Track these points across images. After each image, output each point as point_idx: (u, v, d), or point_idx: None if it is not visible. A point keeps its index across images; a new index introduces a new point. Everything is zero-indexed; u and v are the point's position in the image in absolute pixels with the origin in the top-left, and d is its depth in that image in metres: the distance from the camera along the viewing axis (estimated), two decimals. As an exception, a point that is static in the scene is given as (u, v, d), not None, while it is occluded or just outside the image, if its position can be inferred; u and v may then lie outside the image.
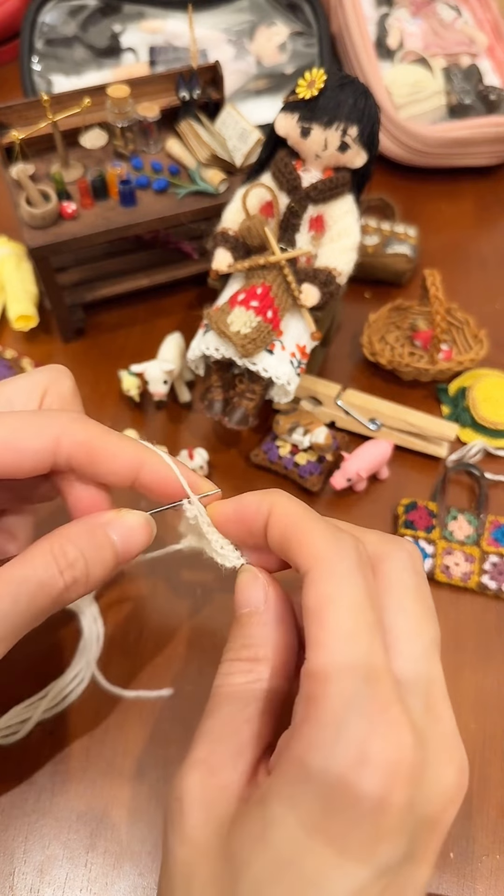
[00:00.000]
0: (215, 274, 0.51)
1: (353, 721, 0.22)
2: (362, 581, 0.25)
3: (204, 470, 0.55)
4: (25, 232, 0.54)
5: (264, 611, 0.29)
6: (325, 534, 0.26)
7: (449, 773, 0.24)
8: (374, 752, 0.22)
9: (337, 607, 0.24)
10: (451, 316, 0.63)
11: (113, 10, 0.78)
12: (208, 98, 0.59)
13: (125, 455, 0.30)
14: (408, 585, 0.27)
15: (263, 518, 0.28)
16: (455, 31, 0.79)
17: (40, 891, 0.41)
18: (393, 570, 0.27)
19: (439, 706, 0.25)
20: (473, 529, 0.53)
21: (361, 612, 0.24)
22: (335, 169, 0.48)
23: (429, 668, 0.25)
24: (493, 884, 0.42)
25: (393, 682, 0.23)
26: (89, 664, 0.47)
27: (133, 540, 0.30)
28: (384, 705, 0.22)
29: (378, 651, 0.24)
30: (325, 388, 0.58)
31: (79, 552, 0.28)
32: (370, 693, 0.23)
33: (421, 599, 0.27)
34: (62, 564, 0.27)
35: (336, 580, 0.25)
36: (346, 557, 0.25)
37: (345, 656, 0.23)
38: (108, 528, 0.29)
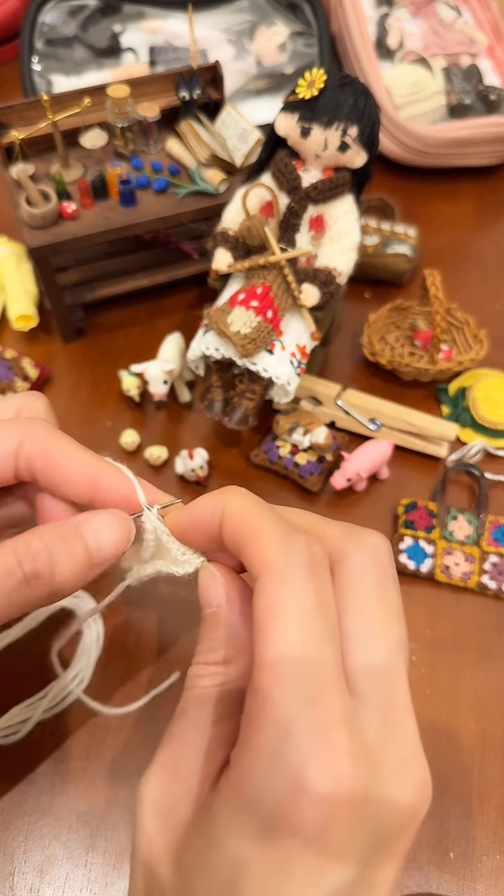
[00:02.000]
0: (215, 274, 0.51)
1: (290, 748, 0.21)
2: (312, 587, 0.23)
3: (204, 470, 0.55)
4: (25, 232, 0.54)
5: (227, 610, 0.27)
6: (276, 536, 0.24)
7: (405, 793, 0.22)
8: (310, 783, 0.20)
9: (282, 620, 0.22)
10: (451, 316, 0.63)
11: (113, 10, 0.78)
12: (208, 98, 0.59)
13: (83, 465, 0.29)
14: (369, 585, 0.24)
15: (218, 521, 0.26)
16: (455, 31, 0.79)
17: (40, 891, 0.41)
18: (353, 568, 0.25)
19: (400, 719, 0.23)
20: (473, 529, 0.53)
21: (308, 624, 0.22)
22: (335, 169, 0.48)
23: (390, 676, 0.23)
24: (493, 884, 0.42)
25: (339, 701, 0.21)
26: (89, 664, 0.47)
27: (107, 538, 0.29)
28: (325, 730, 0.21)
29: (326, 667, 0.22)
30: (325, 388, 0.58)
31: (43, 545, 0.27)
32: (311, 716, 0.21)
33: (383, 600, 0.24)
34: (22, 555, 0.26)
35: (283, 588, 0.23)
36: (296, 563, 0.23)
37: (287, 676, 0.21)
38: (80, 525, 0.28)
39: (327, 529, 0.26)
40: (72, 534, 0.28)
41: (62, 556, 0.27)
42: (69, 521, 0.29)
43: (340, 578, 0.24)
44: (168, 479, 0.56)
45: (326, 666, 0.22)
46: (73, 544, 0.28)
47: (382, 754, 0.22)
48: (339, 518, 0.56)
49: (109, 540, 0.29)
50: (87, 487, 0.29)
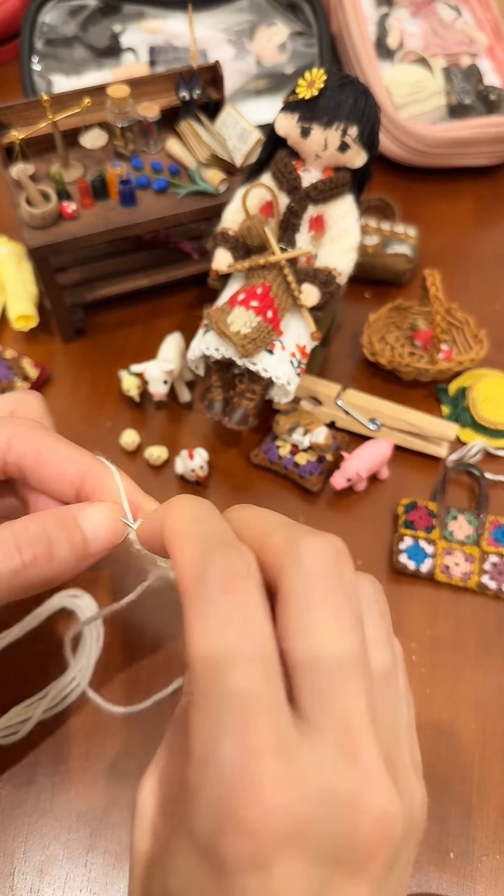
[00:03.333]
0: (215, 274, 0.51)
1: (211, 782, 0.19)
2: (223, 607, 0.21)
3: (204, 470, 0.55)
4: (25, 232, 0.54)
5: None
6: (193, 551, 0.22)
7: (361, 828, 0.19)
8: (235, 818, 0.19)
9: (193, 644, 0.20)
10: (451, 316, 0.63)
11: (113, 10, 0.78)
12: (208, 98, 0.59)
13: (72, 462, 0.29)
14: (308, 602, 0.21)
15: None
16: (455, 31, 0.79)
17: (40, 891, 0.41)
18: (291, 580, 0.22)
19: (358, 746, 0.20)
20: (473, 529, 0.53)
21: (220, 647, 0.20)
22: (335, 169, 0.48)
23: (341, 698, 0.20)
24: (493, 884, 0.42)
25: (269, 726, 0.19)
26: (89, 664, 0.47)
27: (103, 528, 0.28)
28: (247, 760, 0.19)
29: (249, 691, 0.20)
30: (325, 388, 0.58)
31: (41, 528, 0.27)
32: (232, 745, 0.19)
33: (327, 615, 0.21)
34: (21, 539, 0.26)
35: (193, 608, 0.21)
36: (208, 582, 0.21)
37: (204, 703, 0.20)
38: (79, 514, 0.28)
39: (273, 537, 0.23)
40: (70, 521, 0.28)
41: (61, 542, 0.27)
42: (67, 508, 0.29)
43: (280, 592, 0.22)
44: (168, 480, 0.56)
45: (250, 690, 0.19)
46: (73, 531, 0.28)
47: (333, 790, 0.19)
48: (340, 518, 0.56)
49: (105, 531, 0.28)
50: (74, 483, 0.29)
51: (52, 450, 0.29)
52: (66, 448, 0.29)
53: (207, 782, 0.19)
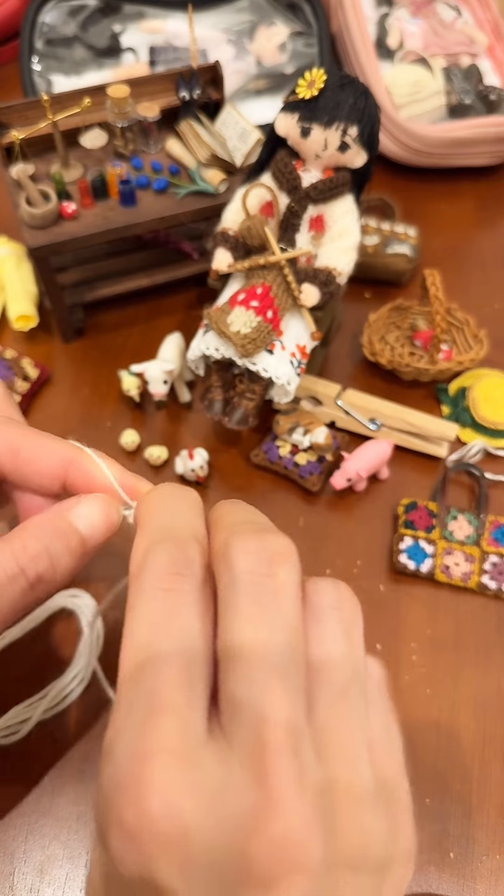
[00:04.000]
0: (215, 274, 0.51)
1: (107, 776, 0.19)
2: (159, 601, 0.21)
3: (204, 470, 0.55)
4: (25, 232, 0.54)
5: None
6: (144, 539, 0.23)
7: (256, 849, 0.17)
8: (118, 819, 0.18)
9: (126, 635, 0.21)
10: (451, 316, 0.63)
11: (113, 10, 0.78)
12: (208, 98, 0.59)
13: (51, 454, 0.28)
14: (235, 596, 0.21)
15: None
16: (455, 31, 0.79)
17: (40, 891, 0.41)
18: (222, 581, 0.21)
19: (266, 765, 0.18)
20: (473, 529, 0.53)
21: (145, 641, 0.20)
22: (335, 169, 0.48)
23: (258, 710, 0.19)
24: (493, 884, 0.42)
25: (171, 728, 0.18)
26: (89, 664, 0.47)
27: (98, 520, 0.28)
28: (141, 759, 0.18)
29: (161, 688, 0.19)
30: (325, 388, 0.58)
31: (41, 545, 0.26)
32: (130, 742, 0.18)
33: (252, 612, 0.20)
34: (23, 561, 0.26)
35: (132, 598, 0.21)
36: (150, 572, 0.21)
37: (122, 693, 0.20)
38: (72, 515, 0.28)
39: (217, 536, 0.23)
40: (65, 526, 0.27)
41: (61, 552, 0.27)
42: (58, 510, 0.28)
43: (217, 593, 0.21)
44: (168, 480, 0.56)
45: (161, 690, 0.19)
46: (70, 537, 0.27)
47: (228, 801, 0.18)
48: (340, 518, 0.56)
49: (100, 525, 0.28)
50: (59, 475, 0.28)
51: (29, 444, 0.28)
52: (43, 440, 0.29)
53: (104, 778, 0.18)
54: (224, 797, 0.18)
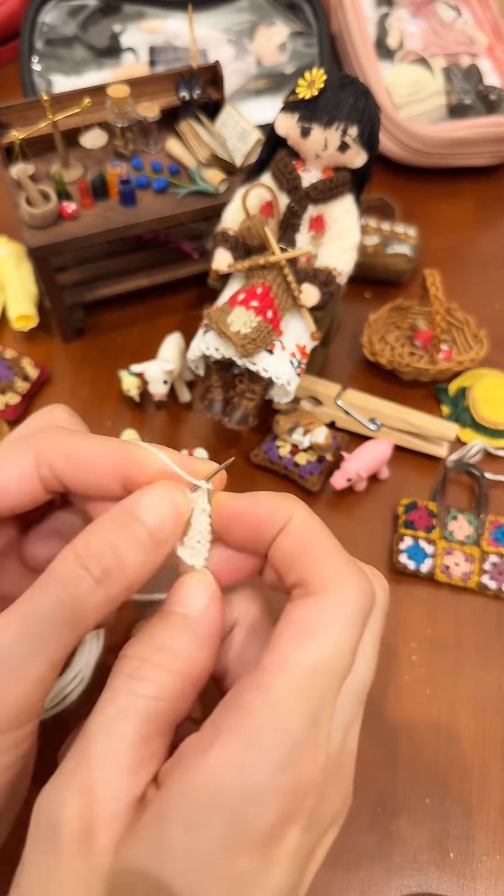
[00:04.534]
0: (215, 274, 0.51)
1: (284, 757, 0.22)
2: (360, 628, 0.25)
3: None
4: (25, 232, 0.54)
5: (200, 622, 0.26)
6: (346, 566, 0.25)
7: (337, 802, 0.25)
8: (290, 792, 0.22)
9: (328, 641, 0.24)
10: (451, 316, 0.63)
11: (113, 10, 0.78)
12: (208, 98, 0.59)
13: (105, 454, 0.27)
14: (375, 631, 0.27)
15: (278, 526, 0.26)
16: (455, 31, 0.79)
17: (40, 891, 0.41)
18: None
19: (350, 746, 0.25)
20: (473, 529, 0.53)
21: (343, 656, 0.24)
22: (335, 169, 0.48)
23: (357, 711, 0.26)
24: (493, 884, 0.42)
25: (329, 727, 0.24)
26: (89, 664, 0.47)
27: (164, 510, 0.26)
28: (314, 750, 0.23)
29: (333, 695, 0.24)
30: (325, 388, 0.58)
31: (103, 541, 0.25)
32: (309, 735, 0.23)
33: (376, 647, 0.27)
34: (85, 558, 0.25)
35: (344, 616, 0.24)
36: (361, 601, 0.25)
37: (306, 689, 0.23)
38: (135, 507, 0.26)
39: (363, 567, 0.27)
40: (128, 518, 0.26)
41: (126, 545, 0.25)
42: (122, 505, 0.27)
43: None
44: (168, 479, 0.56)
45: (334, 695, 0.24)
46: (134, 529, 0.26)
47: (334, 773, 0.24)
48: (340, 518, 0.56)
49: (166, 512, 0.26)
50: (118, 475, 0.27)
51: (81, 448, 0.27)
52: (95, 442, 0.28)
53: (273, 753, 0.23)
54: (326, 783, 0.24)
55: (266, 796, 0.22)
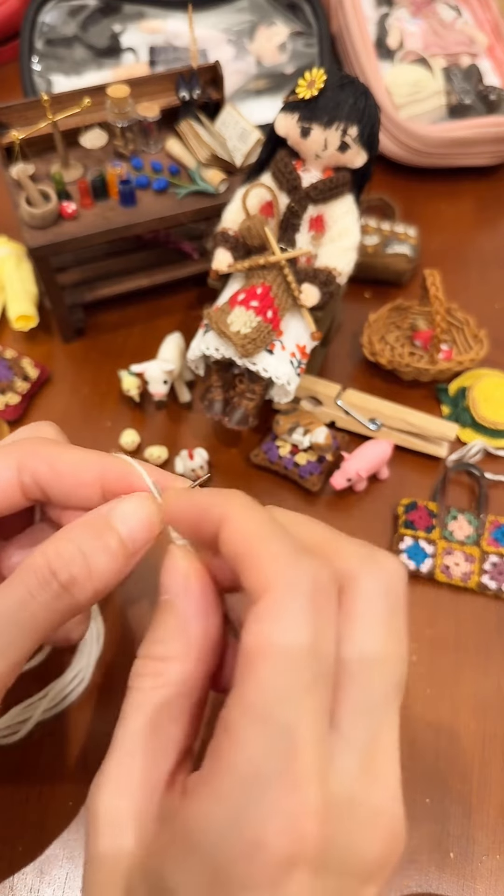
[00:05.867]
0: (215, 274, 0.51)
1: (252, 803, 0.19)
2: (310, 624, 0.21)
3: (204, 470, 0.55)
4: (25, 232, 0.54)
5: (182, 601, 0.25)
6: (279, 558, 0.22)
7: (373, 847, 0.21)
8: (268, 844, 0.19)
9: (269, 661, 0.21)
10: (451, 316, 0.63)
11: (113, 10, 0.78)
12: (208, 98, 0.59)
13: (87, 465, 0.28)
14: (376, 616, 0.23)
15: (214, 527, 0.24)
16: (455, 31, 0.79)
17: (40, 891, 0.41)
18: (363, 595, 0.23)
19: (380, 765, 0.21)
20: (473, 529, 0.53)
21: (298, 667, 0.20)
22: (335, 169, 0.48)
23: (379, 717, 0.22)
24: (493, 884, 0.42)
25: (315, 755, 0.20)
26: (89, 664, 0.47)
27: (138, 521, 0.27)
28: (294, 788, 0.20)
29: (307, 717, 0.20)
30: (325, 388, 0.58)
31: (74, 547, 0.25)
32: (280, 771, 0.20)
33: (388, 634, 0.23)
34: (55, 563, 0.25)
35: (277, 621, 0.21)
36: (297, 592, 0.21)
37: (263, 723, 0.20)
38: (109, 515, 0.27)
39: (340, 547, 0.24)
40: (102, 526, 0.26)
41: (96, 553, 0.26)
42: (97, 511, 0.27)
43: (347, 603, 0.23)
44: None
45: (309, 716, 0.20)
46: (106, 537, 0.26)
47: (353, 807, 0.20)
48: (340, 518, 0.56)
49: (140, 523, 0.27)
50: (97, 486, 0.28)
51: (65, 458, 0.28)
52: (78, 453, 0.29)
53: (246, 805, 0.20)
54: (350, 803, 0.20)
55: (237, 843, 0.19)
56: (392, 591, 0.23)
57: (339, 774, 0.21)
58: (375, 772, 0.21)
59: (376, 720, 0.22)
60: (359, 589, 0.23)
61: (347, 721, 0.21)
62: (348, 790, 0.20)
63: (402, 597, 0.23)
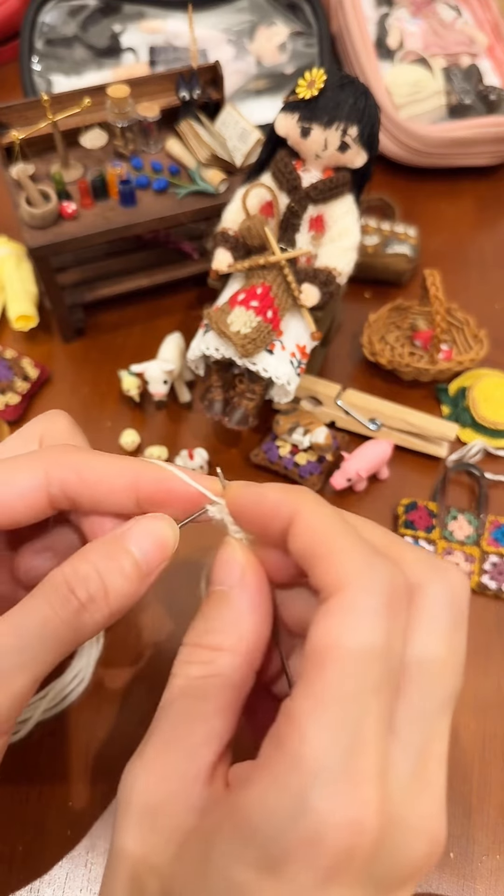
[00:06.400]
0: (215, 274, 0.51)
1: (316, 795, 0.20)
2: (385, 627, 0.21)
3: (204, 470, 0.55)
4: (25, 232, 0.54)
5: (237, 593, 0.25)
6: (356, 557, 0.22)
7: (419, 847, 0.21)
8: (328, 836, 0.19)
9: (342, 659, 0.21)
10: (451, 316, 0.63)
11: (113, 10, 0.78)
12: (208, 98, 0.59)
13: (119, 472, 0.28)
14: (440, 625, 0.23)
15: (284, 523, 0.24)
16: (455, 31, 0.79)
17: (40, 891, 0.41)
18: (428, 603, 0.23)
19: (431, 772, 0.22)
20: (473, 529, 0.53)
21: (371, 667, 0.21)
22: (335, 169, 0.48)
23: (434, 725, 0.22)
24: (493, 884, 0.42)
25: (378, 754, 0.20)
26: (89, 664, 0.47)
27: (151, 544, 0.27)
28: (356, 784, 0.20)
29: (373, 717, 0.21)
30: (325, 388, 0.58)
31: (91, 567, 0.26)
32: (344, 768, 0.20)
33: (450, 644, 0.23)
34: (73, 582, 0.26)
35: (353, 620, 0.21)
36: (375, 593, 0.21)
37: (330, 720, 0.20)
38: (124, 538, 0.27)
39: (405, 553, 0.24)
40: (117, 549, 0.27)
41: (112, 574, 0.26)
42: (113, 534, 0.27)
43: (413, 609, 0.23)
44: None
45: (375, 716, 0.21)
46: (121, 559, 0.26)
47: (404, 811, 0.21)
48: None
49: (154, 545, 0.27)
50: (129, 491, 0.28)
51: (94, 467, 0.28)
52: (108, 461, 0.28)
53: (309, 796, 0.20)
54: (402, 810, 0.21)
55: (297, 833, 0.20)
56: (456, 603, 0.23)
57: (394, 777, 0.21)
58: (427, 779, 0.22)
59: (431, 728, 0.22)
60: (426, 597, 0.23)
61: (404, 725, 0.22)
62: (402, 794, 0.21)
63: (466, 610, 0.24)
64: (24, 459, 0.28)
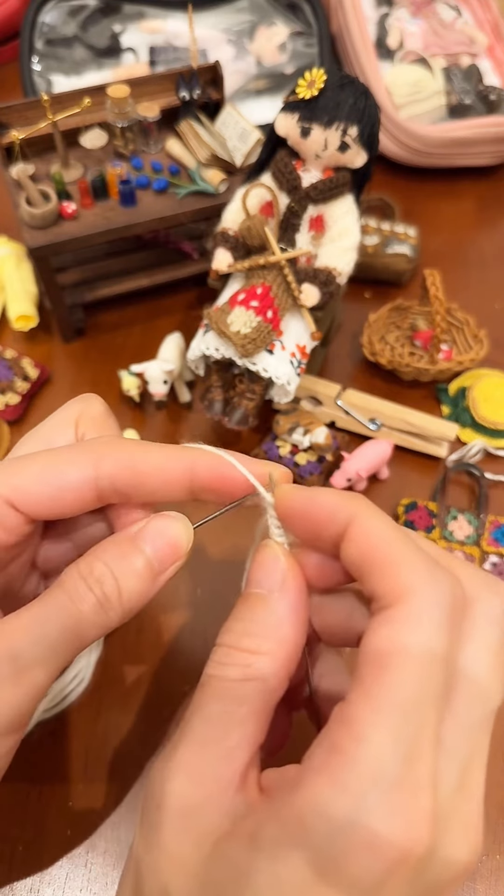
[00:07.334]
0: (215, 274, 0.51)
1: (373, 799, 0.20)
2: (447, 636, 0.21)
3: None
4: (25, 232, 0.54)
5: (277, 598, 0.25)
6: (419, 568, 0.22)
7: (462, 856, 0.22)
8: (384, 841, 0.20)
9: (407, 665, 0.21)
10: (451, 316, 0.63)
11: (113, 10, 0.78)
12: (208, 98, 0.59)
13: (173, 462, 0.27)
14: (490, 640, 0.23)
15: (339, 528, 0.24)
16: (455, 31, 0.79)
17: (40, 891, 0.41)
18: (479, 618, 0.23)
19: (473, 784, 0.22)
20: (473, 529, 0.53)
21: (432, 676, 0.21)
22: (335, 169, 0.48)
23: (478, 739, 0.23)
24: (493, 884, 0.42)
25: (433, 762, 0.21)
26: (89, 664, 0.47)
27: (164, 544, 0.27)
28: (414, 792, 0.20)
29: (431, 725, 0.21)
30: (325, 388, 0.58)
31: (105, 566, 0.26)
32: (403, 774, 0.20)
33: (498, 663, 0.23)
34: (90, 580, 0.26)
35: (418, 629, 0.21)
36: (439, 603, 0.22)
37: (392, 725, 0.20)
38: (137, 538, 0.27)
39: (457, 566, 0.24)
40: (130, 548, 0.27)
41: (125, 574, 0.26)
42: (127, 533, 0.27)
43: (464, 623, 0.23)
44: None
45: (432, 724, 0.21)
46: (134, 559, 0.26)
47: (451, 819, 0.21)
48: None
49: (167, 547, 0.27)
50: (184, 483, 0.27)
51: (148, 460, 0.27)
52: (161, 451, 0.28)
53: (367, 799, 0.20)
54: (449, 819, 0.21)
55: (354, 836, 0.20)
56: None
57: (443, 785, 0.21)
58: (470, 789, 0.22)
59: (475, 740, 0.22)
60: (477, 612, 0.23)
61: (452, 736, 0.22)
62: (448, 804, 0.21)
63: None
64: (73, 452, 0.28)
